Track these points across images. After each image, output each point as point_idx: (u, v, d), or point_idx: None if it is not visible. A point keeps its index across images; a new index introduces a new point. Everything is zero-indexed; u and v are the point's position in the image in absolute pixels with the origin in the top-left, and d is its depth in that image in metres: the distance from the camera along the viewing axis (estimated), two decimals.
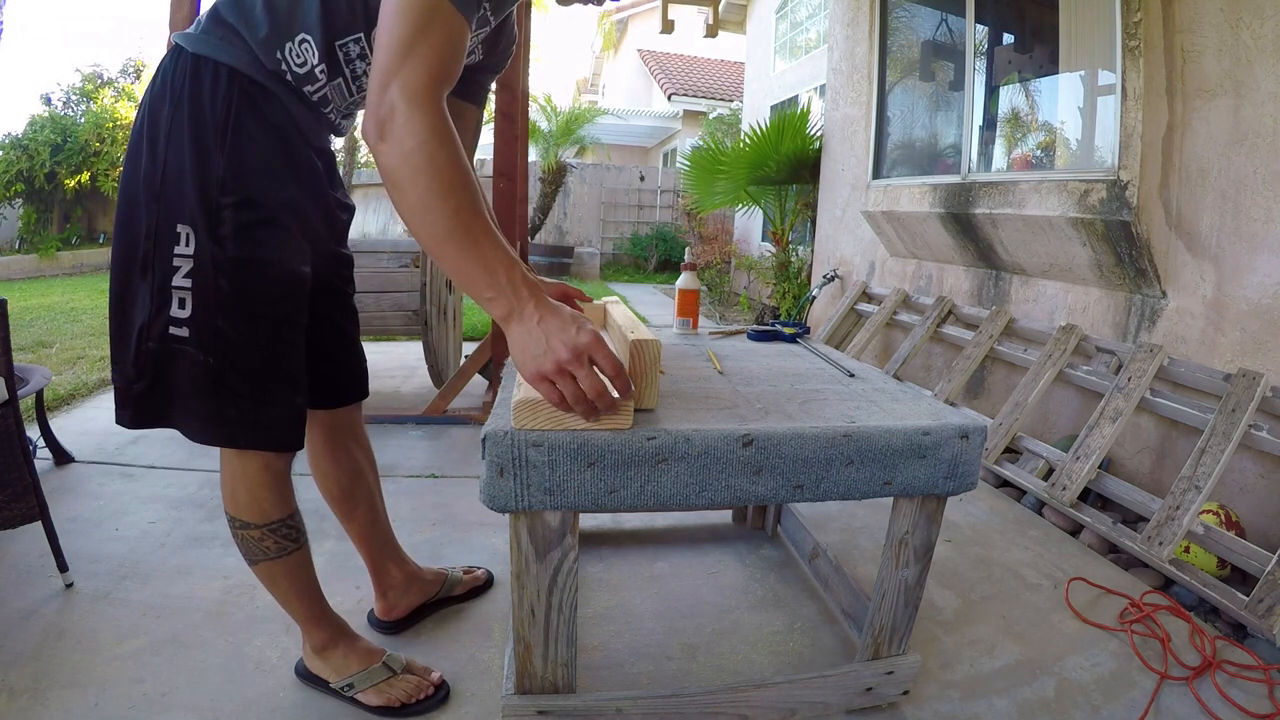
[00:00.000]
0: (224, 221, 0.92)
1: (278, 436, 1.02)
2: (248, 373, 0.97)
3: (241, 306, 0.95)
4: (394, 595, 1.42)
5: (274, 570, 1.11)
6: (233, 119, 0.91)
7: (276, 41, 0.91)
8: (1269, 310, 1.99)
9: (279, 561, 1.10)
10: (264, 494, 1.05)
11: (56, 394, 2.92)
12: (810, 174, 4.94)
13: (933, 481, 1.04)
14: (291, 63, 0.93)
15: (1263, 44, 1.97)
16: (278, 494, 1.07)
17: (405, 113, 0.73)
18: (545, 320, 0.78)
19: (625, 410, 0.86)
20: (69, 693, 1.21)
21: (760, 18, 7.68)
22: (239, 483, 1.05)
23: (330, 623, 1.21)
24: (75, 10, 55.81)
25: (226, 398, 0.97)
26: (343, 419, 1.30)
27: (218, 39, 0.91)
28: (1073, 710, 1.30)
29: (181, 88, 0.91)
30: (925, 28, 3.78)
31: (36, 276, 7.95)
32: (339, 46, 0.95)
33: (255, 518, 1.07)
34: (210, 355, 0.95)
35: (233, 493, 1.06)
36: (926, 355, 3.51)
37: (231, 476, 1.06)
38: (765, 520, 1.92)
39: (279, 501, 1.08)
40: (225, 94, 0.90)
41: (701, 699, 1.15)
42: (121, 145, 9.24)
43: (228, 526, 1.10)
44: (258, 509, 1.06)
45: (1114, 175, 2.32)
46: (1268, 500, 1.99)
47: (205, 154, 0.90)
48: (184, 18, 2.47)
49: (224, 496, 1.08)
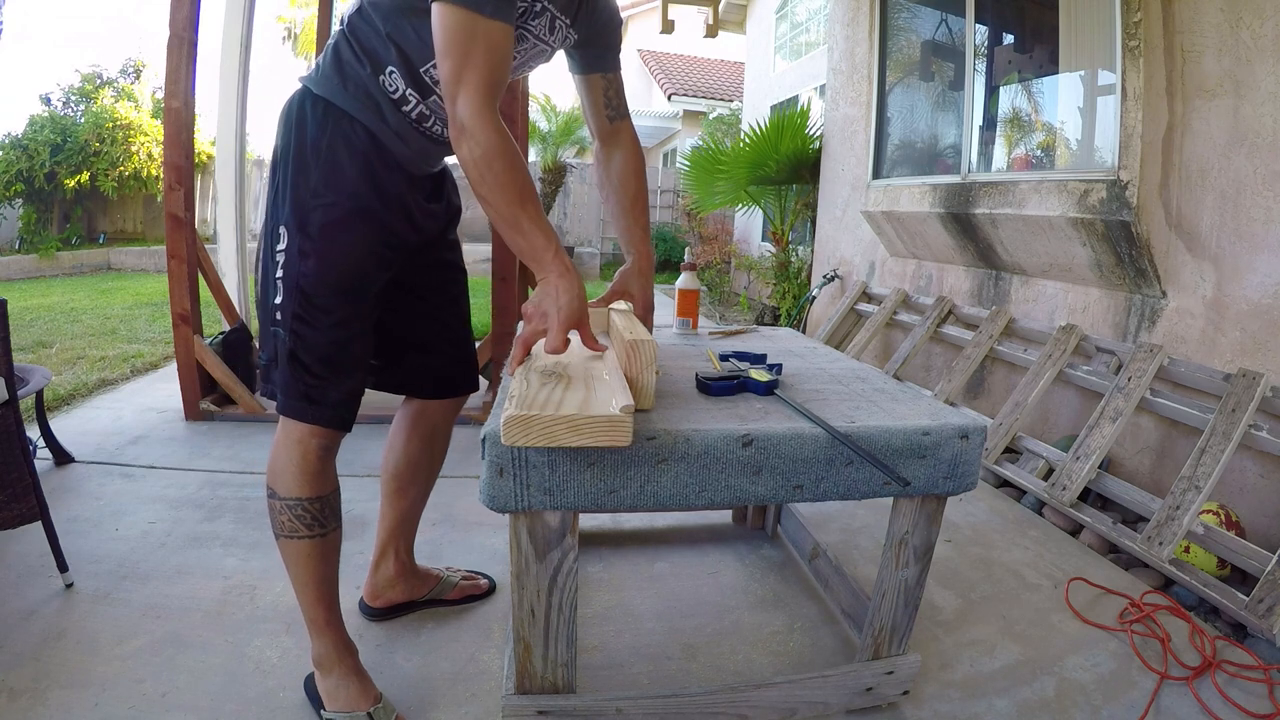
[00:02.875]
0: (313, 220, 1.08)
1: (329, 414, 1.11)
2: (316, 353, 1.09)
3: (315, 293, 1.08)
4: (382, 585, 1.45)
5: (289, 550, 1.15)
6: (326, 139, 1.08)
7: (375, 73, 1.08)
8: (1269, 310, 1.99)
9: (294, 541, 1.14)
10: (293, 469, 1.12)
11: (56, 394, 2.92)
12: (810, 174, 4.94)
13: (933, 481, 1.04)
14: (388, 90, 1.09)
15: (1263, 44, 1.97)
16: (306, 473, 1.12)
17: (470, 127, 0.93)
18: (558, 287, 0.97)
19: (624, 428, 0.83)
20: (69, 693, 1.21)
21: (760, 18, 7.68)
22: (279, 449, 1.13)
23: (335, 637, 1.19)
24: (73, 10, 55.78)
25: (296, 373, 1.09)
26: (430, 410, 1.38)
27: (326, 78, 1.09)
28: (1073, 710, 1.30)
29: (291, 118, 1.10)
30: (925, 28, 3.78)
31: (36, 276, 7.95)
32: (423, 73, 1.09)
33: (280, 489, 1.13)
34: (290, 335, 1.09)
35: (273, 462, 1.14)
36: (926, 355, 3.51)
37: (276, 446, 1.14)
38: (765, 520, 1.92)
39: (305, 480, 1.12)
40: (321, 120, 1.08)
41: (701, 699, 1.15)
42: (122, 145, 9.27)
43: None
44: (284, 481, 1.12)
45: (1114, 175, 2.32)
46: (1268, 500, 1.99)
47: (305, 168, 1.08)
48: (184, 18, 2.47)
49: (267, 465, 1.15)
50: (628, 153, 1.31)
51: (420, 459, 1.41)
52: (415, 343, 1.31)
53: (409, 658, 1.36)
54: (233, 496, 2.05)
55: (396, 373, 1.33)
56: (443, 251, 1.32)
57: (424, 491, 1.46)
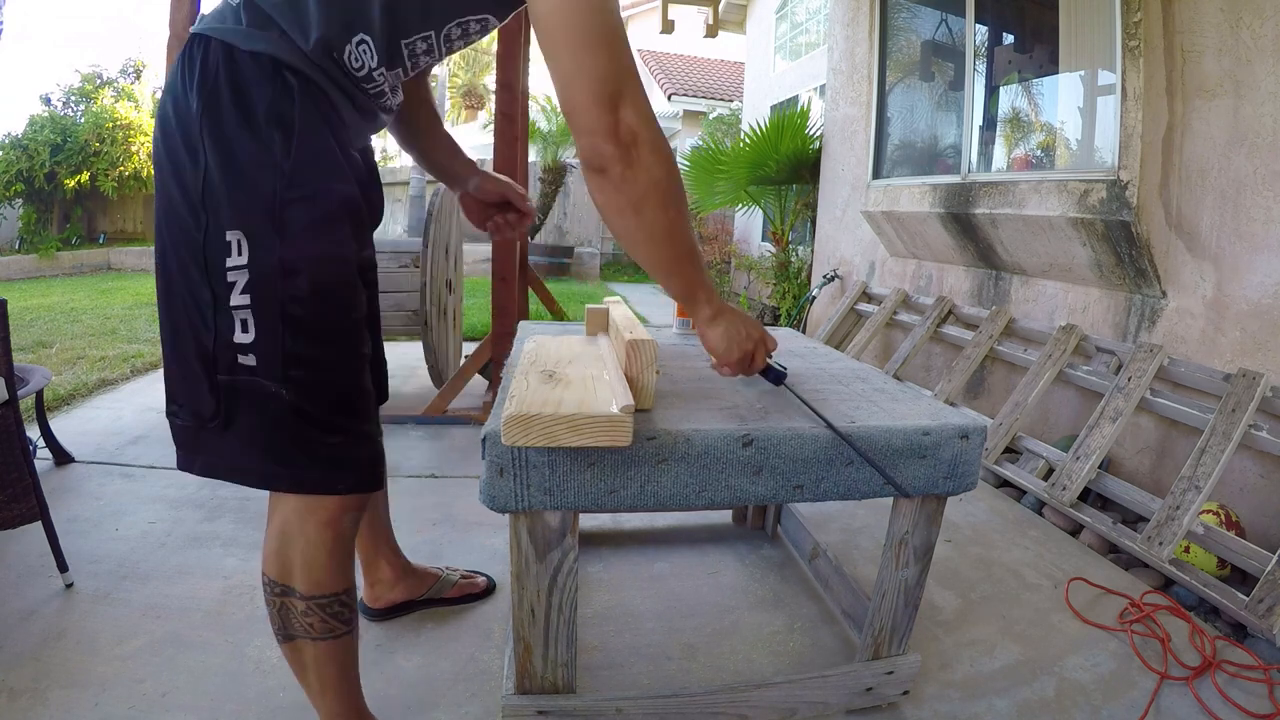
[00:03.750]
0: (293, 218, 0.80)
1: (368, 477, 0.90)
2: (337, 400, 0.85)
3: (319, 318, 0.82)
4: (380, 588, 1.44)
5: (314, 654, 0.92)
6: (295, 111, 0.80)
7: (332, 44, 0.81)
8: (1269, 310, 1.99)
9: (322, 644, 0.92)
10: (323, 558, 0.89)
11: (56, 394, 2.92)
12: (810, 174, 4.94)
13: (933, 481, 1.04)
14: (349, 65, 0.83)
15: (1263, 44, 1.97)
16: (339, 560, 0.91)
17: (651, 140, 0.75)
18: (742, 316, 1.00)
19: (624, 428, 0.82)
20: (69, 693, 1.21)
21: (760, 18, 7.68)
22: (294, 541, 0.88)
23: None
24: (73, 10, 55.87)
25: (306, 433, 0.83)
26: None
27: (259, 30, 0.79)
28: (1073, 710, 1.30)
29: (216, 82, 0.78)
30: (925, 28, 3.78)
31: (36, 276, 7.95)
32: (405, 45, 0.86)
33: (304, 587, 0.89)
34: (283, 385, 0.81)
35: (280, 550, 0.89)
36: (926, 355, 3.51)
37: (284, 532, 0.88)
38: (765, 520, 1.92)
39: (338, 570, 0.91)
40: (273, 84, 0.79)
41: (701, 699, 1.15)
42: (121, 145, 9.24)
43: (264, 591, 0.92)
44: (310, 577, 0.89)
45: (1114, 175, 2.32)
46: (1268, 500, 1.99)
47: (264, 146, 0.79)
48: (184, 18, 2.47)
49: (266, 555, 0.90)
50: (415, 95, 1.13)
51: None
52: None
53: (409, 658, 1.36)
54: (233, 496, 2.04)
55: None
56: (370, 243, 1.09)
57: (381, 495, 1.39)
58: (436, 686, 1.28)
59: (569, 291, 6.33)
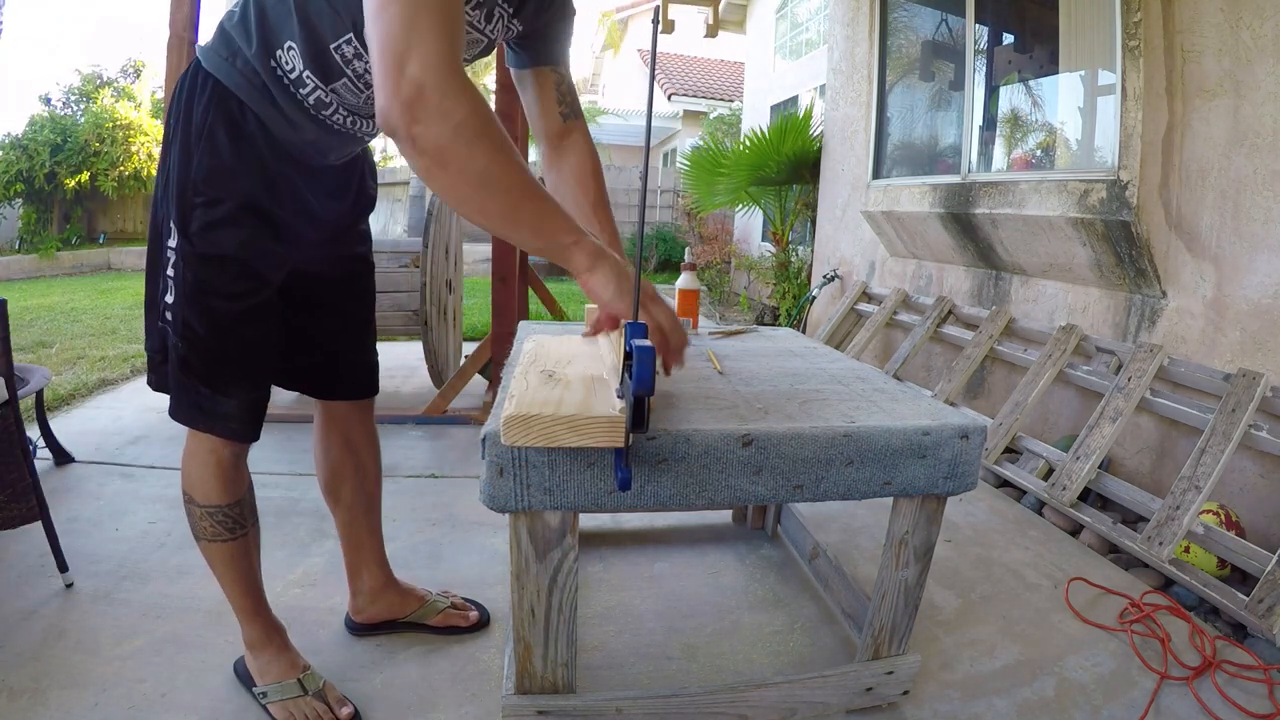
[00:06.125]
0: (194, 220, 0.99)
1: (230, 428, 1.07)
2: (207, 362, 1.04)
3: (200, 299, 1.01)
4: (361, 600, 1.41)
5: (212, 552, 1.15)
6: (208, 127, 0.96)
7: (269, 50, 0.95)
8: (1269, 310, 1.99)
9: (216, 545, 1.14)
10: (208, 477, 1.10)
11: (56, 394, 2.92)
12: (810, 174, 4.94)
13: (933, 481, 1.04)
14: (284, 69, 0.96)
15: (1263, 44, 1.97)
16: (221, 481, 1.11)
17: (439, 86, 0.69)
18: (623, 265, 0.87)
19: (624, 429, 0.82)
20: (69, 693, 1.21)
21: (760, 18, 7.68)
22: (191, 460, 1.11)
23: (264, 621, 1.22)
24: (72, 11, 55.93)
25: (189, 382, 1.04)
26: (338, 412, 1.30)
27: (214, 52, 0.97)
28: (1073, 710, 1.30)
29: (182, 98, 0.99)
30: (925, 27, 3.78)
31: (36, 276, 7.95)
32: (333, 50, 0.93)
33: (198, 497, 1.11)
34: (180, 340, 1.03)
35: (186, 469, 1.12)
36: (926, 355, 3.51)
37: (187, 453, 1.11)
38: (765, 520, 1.92)
39: (221, 488, 1.11)
40: (206, 103, 0.97)
41: (701, 699, 1.15)
42: (121, 145, 9.27)
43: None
44: (202, 489, 1.11)
45: (1114, 175, 2.32)
46: (1268, 500, 1.99)
47: (188, 157, 0.98)
48: (184, 17, 2.47)
49: (180, 469, 1.13)
50: (584, 153, 1.15)
51: (344, 467, 1.32)
52: (316, 338, 1.21)
53: (409, 657, 1.36)
54: None
55: (297, 369, 1.23)
56: (351, 245, 1.24)
57: (364, 501, 1.37)
58: (436, 686, 1.28)
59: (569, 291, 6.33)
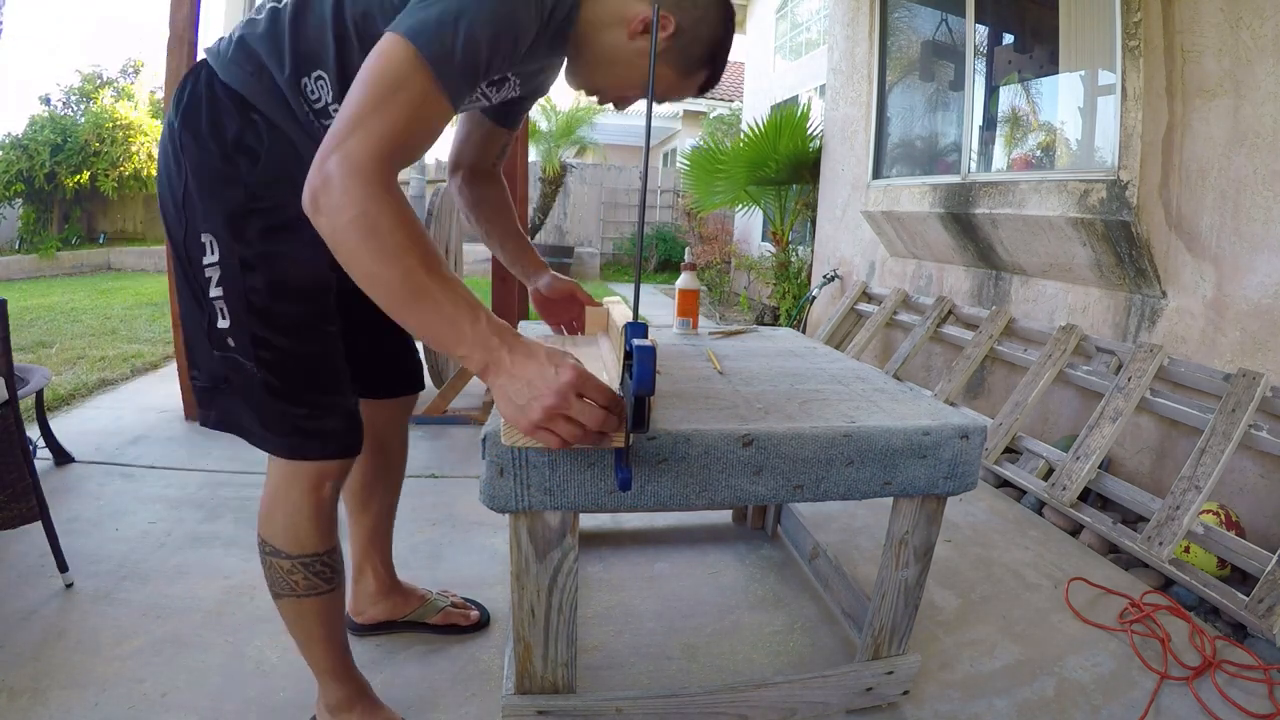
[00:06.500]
0: (250, 226, 0.91)
1: (343, 443, 0.99)
2: (297, 375, 0.95)
3: (273, 307, 0.92)
4: (363, 601, 1.41)
5: (304, 609, 1.03)
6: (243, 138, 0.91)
7: (297, 75, 0.91)
8: (1269, 310, 1.99)
9: (310, 600, 1.02)
10: (302, 521, 0.99)
11: (56, 394, 2.92)
12: (810, 174, 4.94)
13: (933, 481, 1.04)
14: (308, 97, 0.92)
15: (1263, 44, 1.97)
16: (318, 522, 1.00)
17: (340, 185, 0.69)
18: (522, 366, 0.74)
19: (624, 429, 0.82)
20: (69, 693, 1.21)
21: (760, 18, 7.68)
22: (279, 505, 0.99)
23: (351, 681, 1.12)
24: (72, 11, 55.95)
25: (280, 406, 0.94)
26: (379, 417, 1.27)
27: (237, 65, 0.91)
28: (1073, 710, 1.30)
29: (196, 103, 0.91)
30: (925, 28, 3.78)
31: (36, 276, 7.94)
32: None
33: (289, 547, 0.99)
34: (257, 363, 0.93)
35: (270, 514, 0.99)
36: (926, 355, 3.51)
37: (273, 496, 0.99)
38: (765, 520, 1.92)
39: (318, 533, 1.00)
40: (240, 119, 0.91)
41: (701, 699, 1.15)
42: (122, 145, 9.25)
43: (258, 550, 1.02)
44: (293, 538, 0.99)
45: (1114, 175, 2.32)
46: (1268, 500, 1.99)
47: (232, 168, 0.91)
48: (184, 17, 2.47)
49: (260, 516, 1.01)
50: (501, 188, 1.35)
51: (376, 469, 1.31)
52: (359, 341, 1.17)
53: (409, 657, 1.36)
54: (233, 496, 2.05)
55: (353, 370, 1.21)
56: None
57: (387, 504, 1.38)
58: (436, 686, 1.28)
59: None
